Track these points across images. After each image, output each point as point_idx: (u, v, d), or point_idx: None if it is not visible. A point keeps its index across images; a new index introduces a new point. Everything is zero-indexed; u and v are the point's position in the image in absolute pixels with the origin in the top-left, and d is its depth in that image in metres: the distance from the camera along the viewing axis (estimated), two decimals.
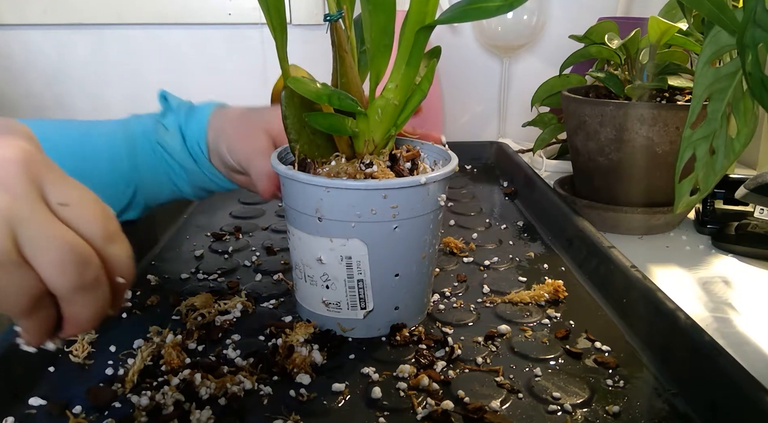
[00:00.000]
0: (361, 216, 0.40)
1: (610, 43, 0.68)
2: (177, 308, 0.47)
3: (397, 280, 0.43)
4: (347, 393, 0.38)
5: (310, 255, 0.42)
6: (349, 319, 0.43)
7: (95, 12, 1.01)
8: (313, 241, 0.42)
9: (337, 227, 0.40)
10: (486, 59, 1.10)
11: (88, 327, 0.30)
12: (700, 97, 0.40)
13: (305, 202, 0.41)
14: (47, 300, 0.28)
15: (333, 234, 0.41)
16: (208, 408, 0.35)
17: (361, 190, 0.39)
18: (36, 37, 1.03)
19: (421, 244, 0.43)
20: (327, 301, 0.43)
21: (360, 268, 0.42)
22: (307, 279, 0.43)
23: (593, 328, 0.44)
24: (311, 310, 0.45)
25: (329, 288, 0.43)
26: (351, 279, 0.42)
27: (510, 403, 0.36)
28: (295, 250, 0.44)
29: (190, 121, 0.54)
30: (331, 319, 0.44)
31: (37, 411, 0.36)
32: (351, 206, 0.40)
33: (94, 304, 0.29)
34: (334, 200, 0.40)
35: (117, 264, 0.30)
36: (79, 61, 1.05)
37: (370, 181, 0.39)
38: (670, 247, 0.65)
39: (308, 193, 0.41)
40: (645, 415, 0.35)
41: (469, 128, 1.14)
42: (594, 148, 0.66)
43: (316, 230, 0.41)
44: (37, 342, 0.30)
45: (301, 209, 0.42)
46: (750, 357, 0.44)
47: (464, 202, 0.75)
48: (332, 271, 0.42)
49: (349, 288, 0.42)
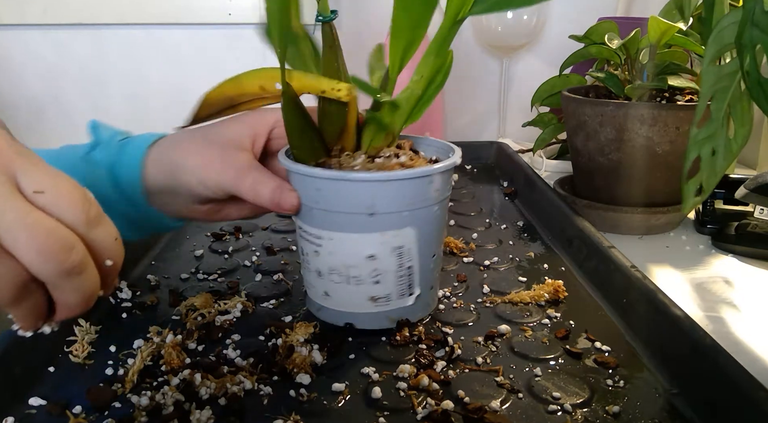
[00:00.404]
0: (413, 204, 0.41)
1: (610, 43, 0.68)
2: (177, 308, 0.47)
3: (433, 260, 0.44)
4: (347, 393, 0.38)
5: (357, 255, 0.42)
6: (397, 308, 0.44)
7: (95, 12, 1.01)
8: (361, 239, 0.41)
9: (390, 219, 0.41)
10: (486, 59, 1.10)
11: (80, 310, 0.30)
12: (705, 95, 0.40)
13: (356, 200, 0.40)
14: (35, 286, 0.28)
15: (385, 227, 0.41)
16: (208, 408, 0.35)
17: (415, 179, 0.41)
18: (35, 37, 1.03)
19: (445, 223, 0.46)
20: (376, 296, 0.43)
21: (410, 255, 0.42)
22: (351, 281, 0.42)
23: (593, 328, 0.44)
24: (352, 311, 0.44)
25: (379, 283, 0.43)
26: (401, 268, 0.43)
27: (510, 403, 0.36)
28: (331, 256, 0.42)
29: (122, 157, 0.46)
30: (378, 314, 0.44)
31: (37, 411, 0.36)
32: (404, 196, 0.41)
33: (82, 288, 0.29)
34: (389, 193, 0.40)
35: (103, 247, 0.30)
36: (79, 61, 1.05)
37: (418, 169, 0.41)
38: (670, 247, 0.65)
39: (361, 191, 0.40)
40: (645, 415, 0.35)
41: (469, 128, 1.14)
42: (594, 148, 0.66)
43: (367, 227, 0.41)
44: (30, 327, 0.30)
45: (350, 209, 0.41)
46: (750, 357, 0.44)
47: (464, 202, 0.75)
48: (383, 264, 0.42)
49: (399, 277, 0.43)
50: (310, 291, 0.46)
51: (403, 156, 0.43)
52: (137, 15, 1.02)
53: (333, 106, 0.42)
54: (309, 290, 0.46)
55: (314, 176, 0.41)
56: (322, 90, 0.41)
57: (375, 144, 0.43)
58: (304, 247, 0.44)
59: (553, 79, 0.80)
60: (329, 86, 0.41)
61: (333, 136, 0.43)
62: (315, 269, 0.44)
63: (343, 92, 0.40)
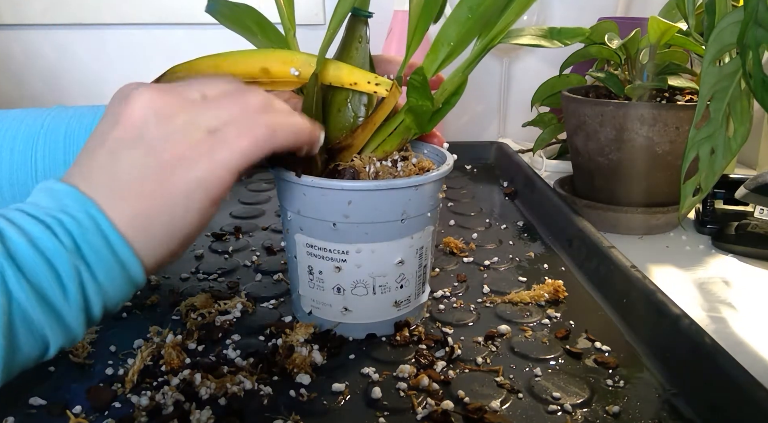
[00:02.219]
0: (432, 204, 0.41)
1: (610, 43, 0.68)
2: (177, 308, 0.47)
3: (432, 252, 0.45)
4: (347, 393, 0.38)
5: (386, 264, 0.41)
6: (415, 308, 0.44)
7: (95, 12, 1.01)
8: (392, 246, 0.40)
9: (417, 222, 0.41)
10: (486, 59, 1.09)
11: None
12: (705, 96, 0.40)
13: (391, 208, 0.39)
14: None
15: (413, 231, 0.41)
16: (208, 408, 0.35)
17: (439, 179, 0.41)
18: (36, 37, 1.03)
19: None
20: (399, 300, 0.43)
21: (426, 254, 0.43)
22: (378, 289, 0.41)
23: (593, 328, 0.44)
24: (375, 320, 0.43)
25: (403, 287, 0.42)
26: (420, 267, 0.43)
27: (510, 403, 0.36)
28: (359, 269, 0.41)
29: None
30: (397, 319, 0.44)
31: (37, 411, 0.36)
32: (429, 197, 0.41)
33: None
34: (418, 196, 0.40)
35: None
36: (79, 61, 1.05)
37: (442, 170, 0.41)
38: (670, 247, 0.65)
39: (395, 199, 0.39)
40: (645, 415, 0.35)
41: (469, 128, 1.14)
42: (594, 148, 0.66)
43: (399, 233, 0.40)
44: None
45: (384, 218, 0.39)
46: (750, 357, 0.44)
47: (464, 202, 0.75)
48: (408, 268, 0.42)
49: (418, 277, 0.43)
50: (320, 311, 0.43)
51: (413, 158, 0.43)
52: (137, 15, 1.02)
53: (354, 100, 0.41)
54: (318, 310, 0.43)
55: (348, 189, 0.38)
56: (354, 82, 0.40)
57: (386, 147, 0.42)
58: (316, 266, 0.41)
59: (553, 79, 0.80)
60: (366, 79, 0.40)
61: (340, 132, 0.42)
62: (333, 287, 0.42)
63: (382, 87, 0.40)
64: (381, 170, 0.41)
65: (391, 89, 0.39)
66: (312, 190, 0.39)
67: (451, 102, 0.42)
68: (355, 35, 0.42)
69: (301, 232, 0.41)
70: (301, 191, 0.40)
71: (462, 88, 0.42)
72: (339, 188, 0.38)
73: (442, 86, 0.42)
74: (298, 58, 0.40)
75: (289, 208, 0.41)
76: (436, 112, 0.41)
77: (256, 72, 0.40)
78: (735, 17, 0.38)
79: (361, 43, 0.42)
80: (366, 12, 0.42)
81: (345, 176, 0.40)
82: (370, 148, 0.43)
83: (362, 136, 0.41)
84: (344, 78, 0.40)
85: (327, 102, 0.42)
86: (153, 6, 1.01)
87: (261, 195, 0.76)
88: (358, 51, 0.42)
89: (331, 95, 0.42)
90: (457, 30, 0.39)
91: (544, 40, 0.41)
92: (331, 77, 0.40)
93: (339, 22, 0.40)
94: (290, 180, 0.39)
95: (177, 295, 0.49)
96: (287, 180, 0.39)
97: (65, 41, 1.03)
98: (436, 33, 0.40)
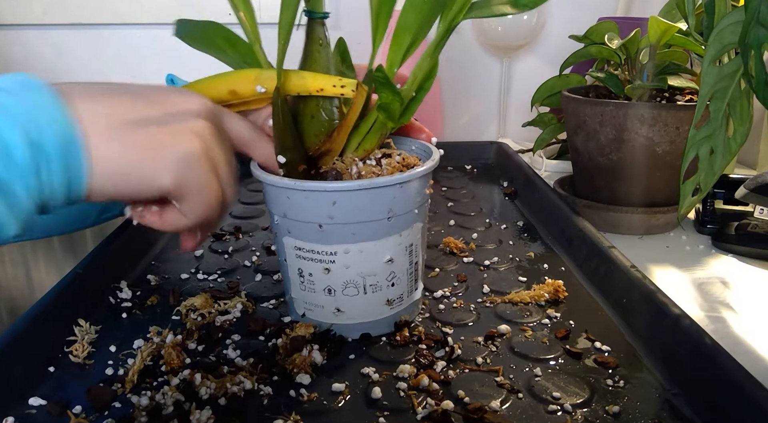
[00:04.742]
0: (419, 200, 0.41)
1: (610, 43, 0.68)
2: (177, 308, 0.47)
3: (424, 249, 0.45)
4: (347, 393, 0.38)
5: (375, 263, 0.41)
6: (408, 305, 0.44)
7: (95, 12, 1.01)
8: (380, 245, 0.40)
9: (404, 220, 0.41)
10: (486, 59, 1.10)
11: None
12: (705, 96, 0.40)
13: (376, 207, 0.39)
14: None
15: (401, 228, 0.41)
16: (208, 408, 0.35)
17: (425, 175, 0.41)
18: (35, 37, 1.03)
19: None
20: (391, 298, 0.43)
21: (417, 251, 0.43)
22: (368, 289, 0.41)
23: (593, 328, 0.44)
24: (368, 320, 0.43)
25: (394, 285, 0.42)
26: (411, 265, 0.43)
27: (510, 403, 0.36)
28: (348, 269, 0.40)
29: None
30: (392, 317, 0.44)
31: (37, 411, 0.36)
32: (416, 193, 0.41)
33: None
34: (404, 193, 0.40)
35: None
36: (78, 61, 1.05)
37: (427, 165, 0.41)
38: (670, 247, 0.65)
39: (380, 198, 0.39)
40: (645, 415, 0.35)
41: (469, 128, 1.14)
42: (594, 148, 0.66)
43: (386, 232, 0.40)
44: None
45: (370, 217, 0.39)
46: (750, 357, 0.44)
47: (464, 202, 0.75)
48: (398, 266, 0.42)
49: (409, 275, 0.43)
50: (314, 313, 0.43)
51: (397, 155, 0.43)
52: (137, 15, 1.02)
53: (326, 104, 0.41)
54: (311, 312, 0.43)
55: (331, 190, 0.38)
56: (320, 88, 0.40)
57: (366, 146, 0.42)
58: (305, 268, 0.41)
59: (553, 79, 0.80)
60: (331, 83, 0.40)
61: (317, 138, 0.42)
62: (323, 288, 0.42)
63: (348, 88, 0.39)
64: (364, 170, 0.41)
65: (357, 89, 0.39)
66: (296, 192, 0.39)
67: (425, 87, 0.42)
68: (314, 38, 0.41)
69: (289, 235, 0.41)
70: (285, 194, 0.40)
71: (434, 71, 0.41)
72: (322, 190, 0.38)
73: (413, 73, 0.41)
74: (263, 75, 0.40)
75: (276, 212, 0.41)
76: (412, 100, 0.41)
77: (225, 95, 0.41)
78: (735, 17, 0.38)
79: (321, 46, 0.41)
80: (320, 13, 0.41)
81: (328, 178, 0.41)
82: (351, 148, 0.42)
83: (339, 139, 0.41)
84: (309, 86, 0.40)
85: (299, 111, 0.42)
86: (153, 6, 1.01)
87: (261, 195, 0.76)
88: (320, 54, 0.41)
89: (303, 103, 0.42)
90: (415, 15, 0.38)
91: (509, 7, 0.40)
92: (296, 87, 0.40)
93: (287, 31, 0.39)
94: (273, 184, 0.40)
95: (177, 295, 0.49)
96: (270, 184, 0.40)
97: (64, 41, 1.03)
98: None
